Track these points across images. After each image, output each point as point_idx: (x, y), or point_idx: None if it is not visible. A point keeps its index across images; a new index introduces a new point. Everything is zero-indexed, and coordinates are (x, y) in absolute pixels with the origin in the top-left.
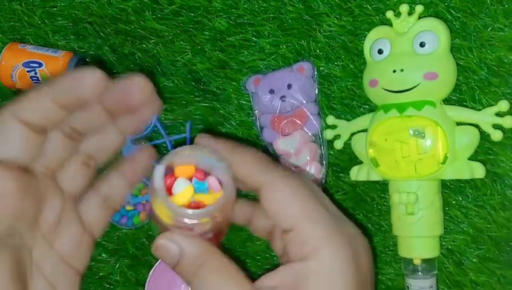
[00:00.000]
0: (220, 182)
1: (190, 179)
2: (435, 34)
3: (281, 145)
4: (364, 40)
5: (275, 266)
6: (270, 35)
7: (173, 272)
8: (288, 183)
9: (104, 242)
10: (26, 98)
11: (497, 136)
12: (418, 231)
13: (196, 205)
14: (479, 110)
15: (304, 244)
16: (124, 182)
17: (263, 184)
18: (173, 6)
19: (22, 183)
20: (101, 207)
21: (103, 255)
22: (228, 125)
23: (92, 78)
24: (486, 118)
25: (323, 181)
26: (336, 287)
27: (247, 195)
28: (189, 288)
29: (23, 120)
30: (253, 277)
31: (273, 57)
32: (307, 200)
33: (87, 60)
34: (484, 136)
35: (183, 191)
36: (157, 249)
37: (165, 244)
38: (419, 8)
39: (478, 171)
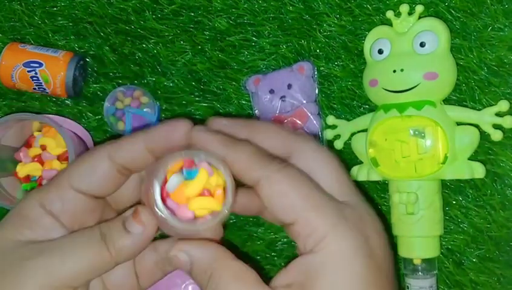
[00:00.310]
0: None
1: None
2: (435, 34)
3: None
4: (364, 40)
5: (275, 266)
6: (270, 35)
7: (172, 272)
8: (284, 175)
9: None
10: (122, 142)
11: (497, 136)
12: (418, 231)
13: (208, 192)
14: (479, 110)
15: (309, 236)
16: None
17: (259, 179)
18: (173, 6)
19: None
20: (156, 264)
21: None
22: None
23: (184, 127)
24: (486, 118)
25: None
26: (347, 276)
27: None
28: (189, 288)
29: (115, 160)
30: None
31: (273, 57)
32: (306, 189)
33: (87, 60)
34: (484, 136)
35: (177, 187)
36: (171, 261)
37: (176, 255)
38: (419, 8)
39: (478, 171)
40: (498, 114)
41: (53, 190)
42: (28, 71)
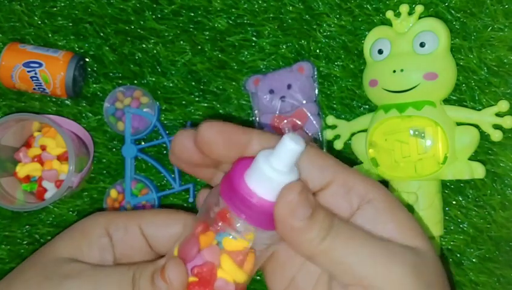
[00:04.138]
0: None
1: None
2: (435, 34)
3: None
4: (364, 40)
5: None
6: (270, 35)
7: None
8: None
9: None
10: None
11: (497, 136)
12: None
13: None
14: (479, 110)
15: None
16: None
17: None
18: (173, 6)
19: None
20: None
21: None
22: None
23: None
24: (486, 118)
25: None
26: None
27: None
28: None
29: (109, 233)
30: (254, 277)
31: (273, 57)
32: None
33: (87, 60)
34: (484, 136)
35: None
36: None
37: None
38: (419, 8)
39: (478, 171)
40: (498, 114)
41: (122, 219)
42: (28, 71)
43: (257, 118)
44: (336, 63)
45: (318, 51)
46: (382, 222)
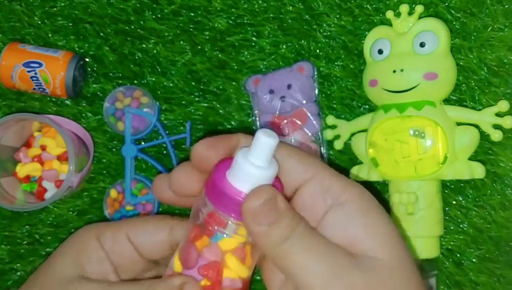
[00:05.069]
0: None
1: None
2: (435, 34)
3: None
4: (364, 40)
5: None
6: (270, 35)
7: None
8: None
9: None
10: (185, 222)
11: (497, 136)
12: (418, 231)
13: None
14: (479, 110)
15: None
16: None
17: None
18: (173, 6)
19: None
20: None
21: None
22: (228, 126)
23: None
24: (486, 118)
25: None
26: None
27: None
28: None
29: (173, 236)
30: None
31: (273, 57)
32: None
33: (87, 60)
34: (484, 136)
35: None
36: None
37: None
38: (419, 8)
39: (478, 171)
40: (498, 114)
41: (111, 229)
42: (28, 71)
43: (257, 118)
44: (336, 63)
45: (318, 51)
46: (353, 225)
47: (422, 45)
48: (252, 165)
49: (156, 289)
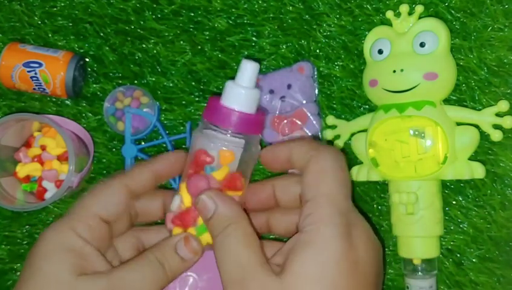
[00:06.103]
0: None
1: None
2: (435, 34)
3: None
4: (364, 40)
5: None
6: (270, 35)
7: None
8: (328, 158)
9: None
10: (133, 172)
11: (497, 136)
12: (418, 231)
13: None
14: (479, 110)
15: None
16: None
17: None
18: (173, 6)
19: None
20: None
21: None
22: None
23: (182, 158)
24: (486, 118)
25: None
26: (323, 259)
27: None
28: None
29: (129, 189)
30: None
31: (273, 57)
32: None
33: (87, 60)
34: (484, 136)
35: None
36: (198, 202)
37: (205, 199)
38: (419, 8)
39: (478, 171)
40: (498, 114)
41: (82, 219)
42: (28, 71)
43: None
44: (336, 63)
45: (318, 51)
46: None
47: (422, 44)
48: (242, 87)
49: (167, 258)
